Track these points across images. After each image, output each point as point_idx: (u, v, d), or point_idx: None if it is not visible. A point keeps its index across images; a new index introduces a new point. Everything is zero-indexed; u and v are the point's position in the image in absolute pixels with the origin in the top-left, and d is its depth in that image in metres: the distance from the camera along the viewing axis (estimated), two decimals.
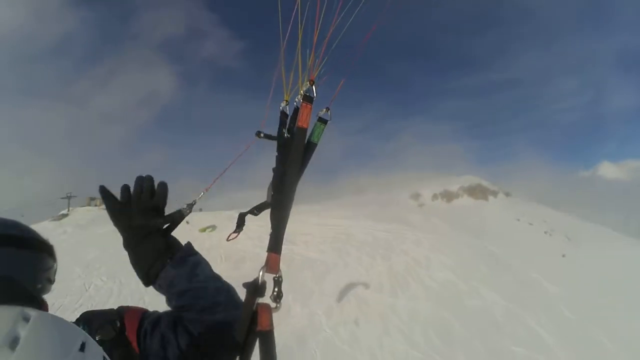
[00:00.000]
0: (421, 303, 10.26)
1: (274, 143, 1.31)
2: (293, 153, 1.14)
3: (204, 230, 20.64)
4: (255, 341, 1.03)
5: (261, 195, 1.27)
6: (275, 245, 1.09)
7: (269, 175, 1.21)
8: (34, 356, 0.62)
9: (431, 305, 10.01)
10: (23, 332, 0.63)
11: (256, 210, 1.26)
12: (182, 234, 1.08)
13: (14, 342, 0.61)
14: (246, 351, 1.04)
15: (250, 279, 1.03)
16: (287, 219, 1.13)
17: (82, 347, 0.69)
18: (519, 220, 43.59)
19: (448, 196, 65.55)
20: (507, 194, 60.57)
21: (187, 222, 22.66)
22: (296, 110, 1.22)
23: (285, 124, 1.29)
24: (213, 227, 21.09)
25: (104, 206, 1.19)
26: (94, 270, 14.48)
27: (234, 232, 1.24)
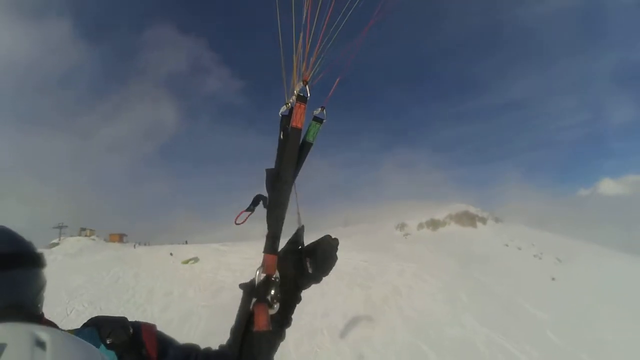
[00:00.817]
0: (398, 333, 10.03)
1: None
2: (287, 153, 1.15)
3: (186, 262, 21.07)
4: (253, 341, 1.04)
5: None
6: (271, 246, 1.08)
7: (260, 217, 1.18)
8: None
9: (408, 335, 9.88)
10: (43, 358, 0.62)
11: (262, 202, 1.19)
12: (164, 265, 1.18)
13: None
14: (244, 351, 1.05)
15: (227, 308, 1.07)
16: (283, 220, 1.12)
17: None
18: (507, 245, 43.51)
19: (434, 224, 65.37)
20: (497, 220, 60.60)
21: (171, 254, 22.91)
22: (292, 111, 1.22)
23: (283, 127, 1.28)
24: (195, 259, 21.58)
25: (93, 236, 1.16)
26: (78, 297, 14.77)
27: (246, 210, 1.17)
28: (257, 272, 1.07)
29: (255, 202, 1.17)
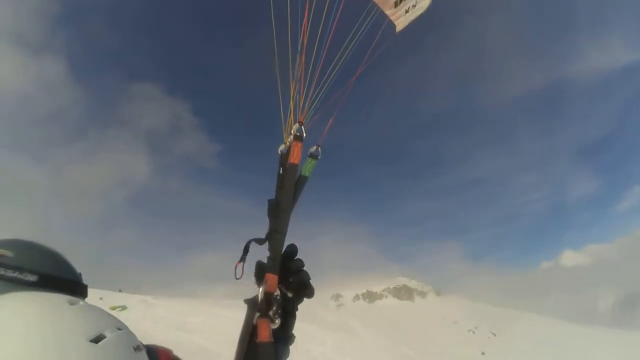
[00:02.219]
0: None
1: None
2: (286, 185, 1.34)
3: (114, 308, 20.62)
4: (256, 351, 1.14)
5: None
6: (272, 267, 1.24)
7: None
8: (115, 353, 0.82)
9: None
10: (109, 333, 0.84)
11: (260, 241, 1.33)
12: None
13: (98, 338, 0.80)
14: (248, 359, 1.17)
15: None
16: (283, 244, 1.28)
17: (137, 349, 0.91)
18: (443, 318, 46.92)
19: (371, 297, 67.82)
20: (439, 294, 63.72)
21: (101, 299, 22.26)
22: (289, 149, 1.41)
23: (282, 163, 1.43)
24: (123, 307, 21.55)
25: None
26: None
27: (239, 261, 1.30)
28: (260, 290, 1.20)
29: (246, 251, 1.31)
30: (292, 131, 1.42)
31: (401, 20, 1.92)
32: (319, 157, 1.42)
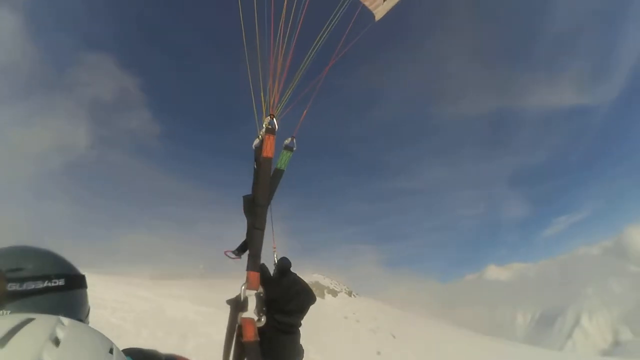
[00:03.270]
0: None
1: None
2: (261, 180, 1.31)
3: None
4: (242, 351, 1.14)
5: None
6: (253, 264, 1.23)
7: None
8: (75, 352, 0.77)
9: None
10: (63, 333, 0.79)
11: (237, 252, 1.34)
12: None
13: (56, 341, 0.76)
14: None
15: None
16: (262, 240, 1.28)
17: (111, 351, 0.85)
18: (346, 317, 42.28)
19: None
20: (350, 294, 58.49)
21: None
22: (262, 143, 1.37)
23: (257, 158, 1.39)
24: None
25: None
26: None
27: (234, 253, 1.33)
28: (242, 288, 1.20)
29: (242, 249, 1.31)
30: (263, 124, 1.40)
31: (380, 8, 1.88)
32: (294, 148, 1.40)
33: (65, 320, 0.83)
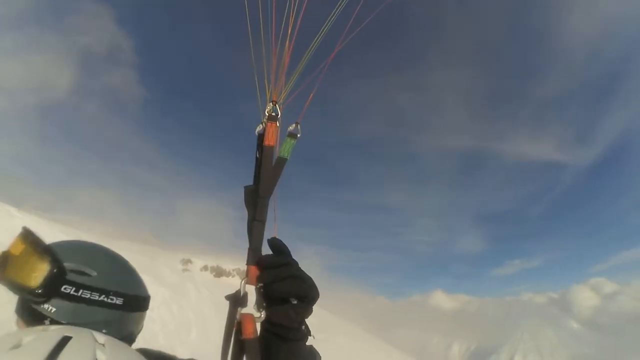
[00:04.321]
0: None
1: None
2: (263, 170, 1.22)
3: None
4: (242, 349, 1.07)
5: None
6: (253, 258, 1.14)
7: None
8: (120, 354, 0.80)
9: None
10: (104, 356, 0.81)
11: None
12: None
13: None
14: (234, 358, 1.10)
15: None
16: (263, 233, 1.19)
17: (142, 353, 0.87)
18: None
19: (218, 272, 69.50)
20: None
21: None
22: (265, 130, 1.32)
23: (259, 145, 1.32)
24: None
25: None
26: None
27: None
28: (242, 282, 1.13)
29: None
30: (266, 111, 1.30)
31: None
32: (299, 135, 1.30)
33: (101, 338, 0.81)
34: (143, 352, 1.10)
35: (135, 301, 1.15)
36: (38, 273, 0.96)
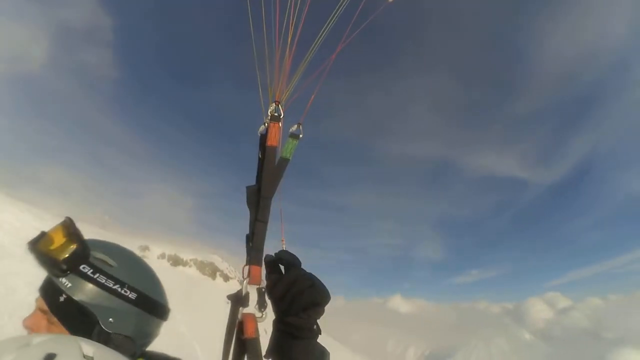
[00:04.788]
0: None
1: None
2: (265, 170, 1.24)
3: None
4: (243, 348, 1.11)
5: None
6: (256, 258, 1.18)
7: None
8: None
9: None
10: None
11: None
12: None
13: None
14: (235, 358, 1.12)
15: None
16: (265, 233, 1.21)
17: None
18: (228, 303, 4.01)
19: (175, 261, 64.79)
20: (242, 282, 39.07)
21: None
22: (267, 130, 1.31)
23: (261, 146, 1.33)
24: None
25: None
26: None
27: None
28: (244, 282, 1.17)
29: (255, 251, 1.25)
30: (268, 111, 1.33)
31: None
32: (301, 136, 1.32)
33: (89, 350, 0.78)
34: (147, 356, 1.22)
35: (150, 303, 1.19)
36: (65, 250, 1.10)
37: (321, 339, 1.16)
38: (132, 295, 1.14)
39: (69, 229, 1.13)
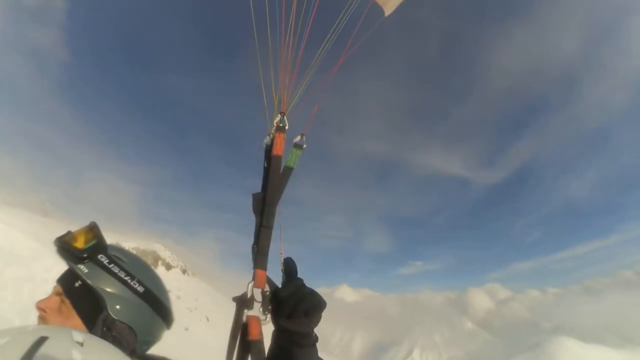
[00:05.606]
0: None
1: None
2: (271, 178, 1.31)
3: None
4: (247, 350, 1.15)
5: None
6: (260, 262, 1.23)
7: None
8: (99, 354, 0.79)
9: None
10: (80, 356, 0.80)
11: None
12: None
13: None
14: (239, 359, 1.17)
15: None
16: (270, 238, 1.27)
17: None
18: (169, 291, 3.33)
19: None
20: (184, 272, 53.96)
21: None
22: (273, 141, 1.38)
23: (267, 156, 1.38)
24: None
25: None
26: None
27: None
28: (249, 286, 1.20)
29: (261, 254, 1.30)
30: (274, 122, 1.39)
31: (389, 4, 1.86)
32: (304, 146, 1.38)
33: (79, 337, 0.81)
34: (147, 359, 1.26)
35: (156, 300, 1.28)
36: (86, 243, 1.26)
37: (264, 329, 1.21)
38: (140, 289, 1.25)
39: (93, 230, 1.30)
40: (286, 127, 1.37)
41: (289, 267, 1.23)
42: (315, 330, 1.21)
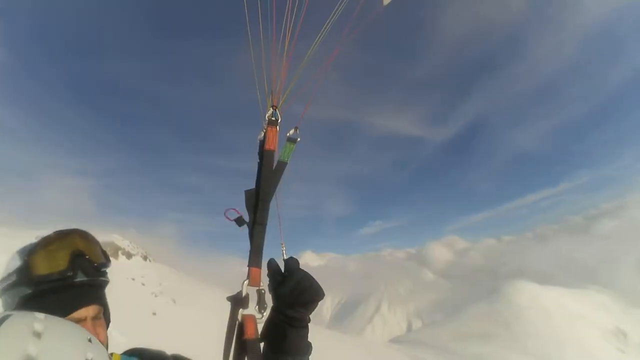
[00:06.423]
0: None
1: None
2: (264, 173, 1.29)
3: None
4: (243, 349, 1.14)
5: None
6: (255, 260, 1.23)
7: None
8: (57, 342, 0.82)
9: None
10: (41, 326, 0.83)
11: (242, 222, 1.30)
12: None
13: (37, 334, 0.81)
14: (235, 358, 1.15)
15: None
16: (264, 235, 1.26)
17: (90, 340, 0.90)
18: (133, 279, 39.11)
19: None
20: (145, 258, 55.29)
21: None
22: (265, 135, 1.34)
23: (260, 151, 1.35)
24: None
25: None
26: None
27: (233, 219, 1.30)
28: (244, 284, 1.20)
29: (239, 223, 1.28)
30: (266, 116, 1.36)
31: None
32: (298, 140, 1.35)
33: (40, 315, 0.87)
34: (137, 352, 1.28)
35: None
36: (100, 255, 1.42)
37: (217, 295, 2.50)
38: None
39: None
40: (279, 121, 1.35)
41: (289, 264, 1.22)
42: None
